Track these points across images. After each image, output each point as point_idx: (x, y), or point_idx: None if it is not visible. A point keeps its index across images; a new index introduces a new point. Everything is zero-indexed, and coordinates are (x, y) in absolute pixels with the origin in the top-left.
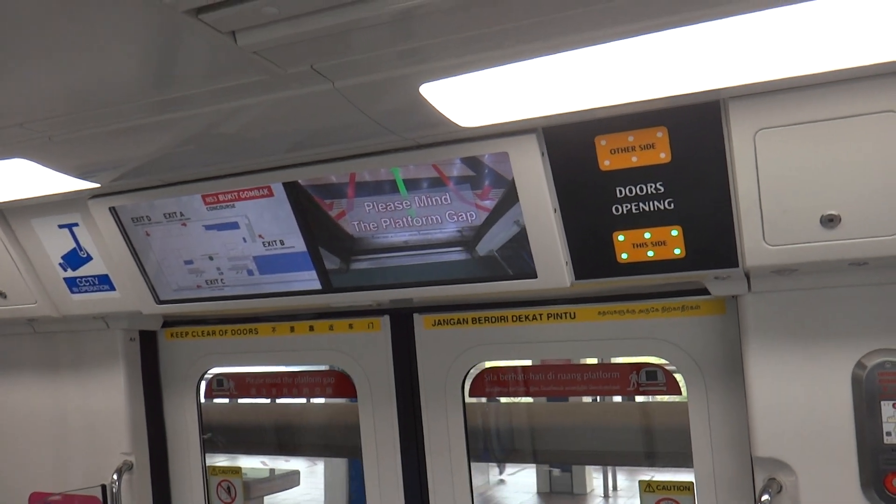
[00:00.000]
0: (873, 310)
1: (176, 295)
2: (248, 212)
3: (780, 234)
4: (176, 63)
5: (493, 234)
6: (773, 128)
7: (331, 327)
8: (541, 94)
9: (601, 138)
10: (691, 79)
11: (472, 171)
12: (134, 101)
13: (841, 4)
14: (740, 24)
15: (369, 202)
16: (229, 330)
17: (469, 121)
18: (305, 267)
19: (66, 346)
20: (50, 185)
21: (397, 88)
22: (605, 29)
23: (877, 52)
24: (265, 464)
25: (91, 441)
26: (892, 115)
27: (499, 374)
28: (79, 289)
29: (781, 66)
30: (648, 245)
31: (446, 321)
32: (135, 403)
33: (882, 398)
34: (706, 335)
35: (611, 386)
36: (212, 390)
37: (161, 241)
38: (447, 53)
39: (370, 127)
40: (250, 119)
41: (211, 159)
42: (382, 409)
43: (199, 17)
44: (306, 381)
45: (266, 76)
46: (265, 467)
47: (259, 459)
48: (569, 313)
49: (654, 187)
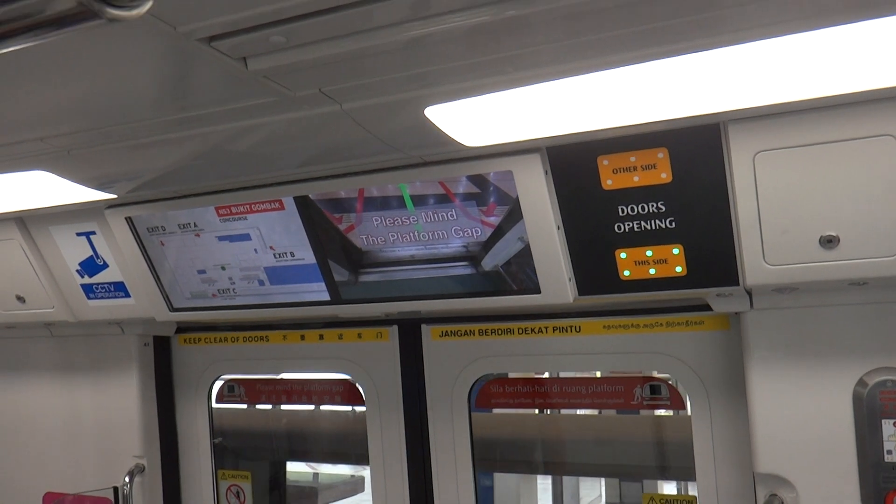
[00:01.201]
0: (874, 328)
1: (189, 303)
2: (259, 224)
3: (780, 254)
4: (190, 86)
5: (497, 249)
6: (772, 150)
7: (340, 336)
8: (545, 115)
9: (604, 158)
10: (692, 102)
11: (477, 189)
12: (149, 120)
13: (838, 32)
14: (740, 51)
15: (377, 217)
16: (241, 337)
17: (474, 141)
18: (315, 279)
19: (81, 349)
20: (68, 195)
21: (403, 111)
22: (606, 56)
23: (874, 78)
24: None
25: (104, 443)
26: (890, 139)
27: (504, 385)
28: (95, 295)
29: (780, 90)
30: (650, 263)
31: (454, 332)
32: (148, 407)
33: (883, 416)
34: (710, 351)
35: (615, 399)
36: (223, 396)
37: (175, 250)
38: (452, 78)
39: (377, 145)
40: (261, 137)
41: (224, 173)
42: (390, 417)
43: (212, 45)
44: (315, 388)
45: (276, 98)
46: (310, 471)
47: (306, 464)
48: (574, 326)
49: (655, 206)
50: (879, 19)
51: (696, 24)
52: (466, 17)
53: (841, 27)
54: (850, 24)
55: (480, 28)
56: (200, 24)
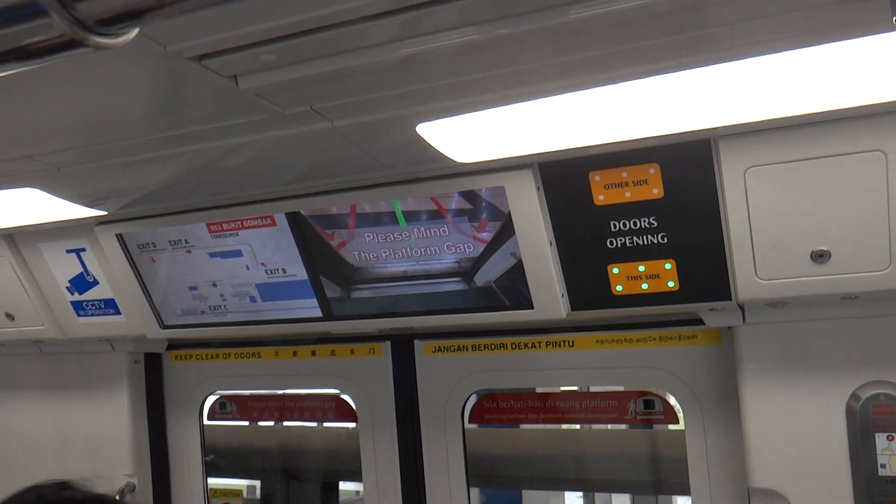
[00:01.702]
0: (867, 342)
1: (180, 320)
2: (251, 240)
3: (772, 269)
4: (180, 103)
5: (490, 265)
6: (762, 166)
7: (332, 352)
8: (536, 131)
9: (595, 174)
10: (683, 118)
11: (469, 205)
12: (140, 137)
13: (828, 49)
14: (731, 67)
15: (369, 233)
16: (233, 353)
17: (466, 157)
18: (307, 295)
19: (71, 367)
20: (59, 212)
21: (395, 128)
22: (597, 74)
23: (864, 94)
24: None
25: (94, 461)
26: (879, 154)
27: (498, 400)
28: (85, 312)
29: (771, 106)
30: (643, 278)
31: (447, 347)
32: (138, 425)
33: (876, 430)
34: (703, 365)
35: (609, 414)
36: (215, 413)
37: (166, 267)
38: (443, 96)
39: (369, 162)
40: (253, 154)
41: (215, 190)
42: (383, 433)
43: (202, 63)
44: (308, 404)
45: (267, 115)
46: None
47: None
48: (567, 341)
49: (647, 222)
50: (868, 37)
51: (686, 42)
52: (458, 35)
53: (831, 45)
54: (839, 42)
55: (472, 46)
56: (191, 43)
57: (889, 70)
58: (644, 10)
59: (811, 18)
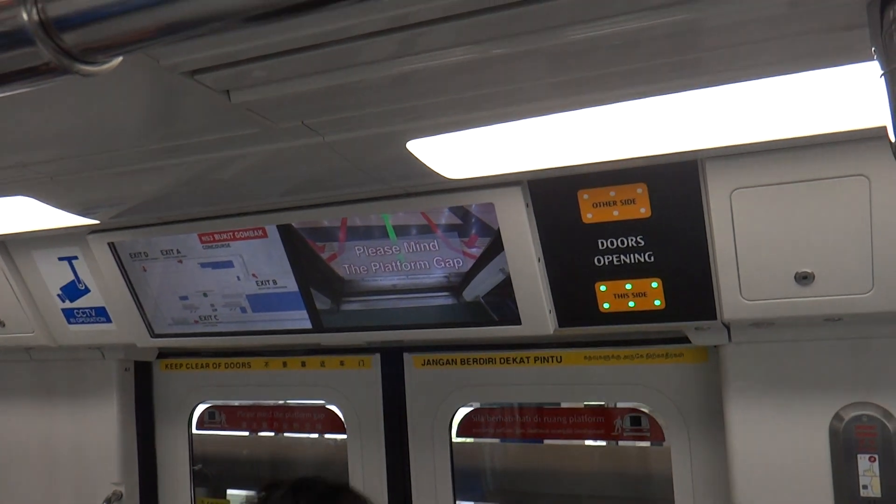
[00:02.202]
0: (850, 363)
1: (170, 329)
2: (242, 251)
3: (757, 290)
4: (173, 116)
5: (479, 280)
6: (748, 187)
7: (322, 364)
8: (526, 149)
9: (584, 192)
10: (671, 140)
11: (459, 220)
12: (133, 148)
13: (814, 75)
14: (718, 90)
15: (360, 246)
16: (223, 363)
17: (456, 173)
18: (297, 307)
19: (61, 374)
20: (51, 220)
21: (386, 144)
22: (588, 95)
23: (848, 119)
24: None
25: (82, 469)
26: (863, 179)
27: (486, 414)
28: (76, 320)
29: (757, 130)
30: (629, 296)
31: (436, 361)
32: (127, 433)
33: (859, 451)
34: (689, 383)
35: (596, 430)
36: (203, 422)
37: (157, 276)
38: (435, 113)
39: (360, 177)
40: (244, 167)
41: (207, 201)
42: (371, 446)
43: (195, 78)
44: (297, 415)
45: (259, 129)
46: None
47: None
48: (555, 357)
49: (634, 240)
50: (853, 65)
51: (679, 65)
52: (451, 54)
53: (817, 72)
54: (825, 69)
55: (465, 65)
56: (184, 59)
57: (872, 96)
58: (637, 34)
59: (798, 46)
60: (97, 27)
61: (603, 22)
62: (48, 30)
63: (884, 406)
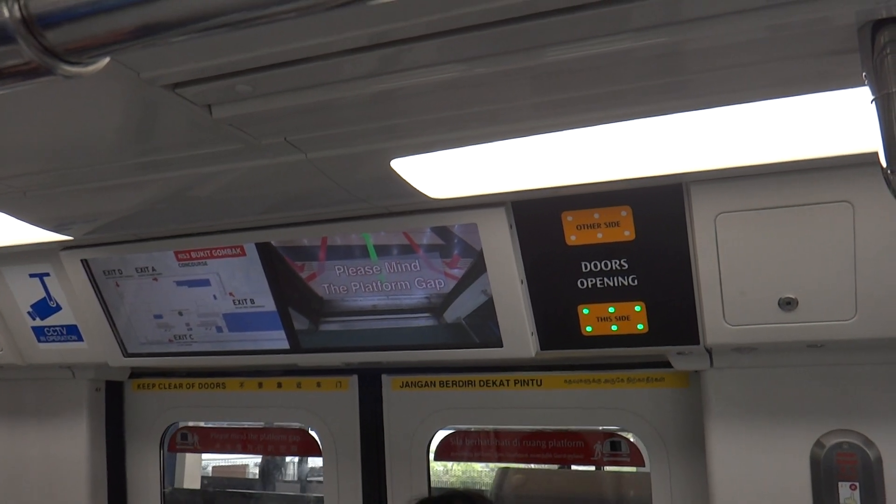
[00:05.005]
0: (831, 390)
1: (144, 348)
2: (219, 270)
3: (740, 315)
4: (152, 131)
5: (461, 302)
6: (733, 212)
7: (298, 385)
8: (510, 170)
9: (568, 214)
10: (655, 162)
11: (441, 240)
12: (110, 163)
13: (799, 101)
14: (704, 114)
15: (340, 266)
16: (197, 384)
17: (440, 193)
18: (274, 326)
19: (30, 394)
20: (22, 235)
21: (369, 162)
22: (572, 116)
23: (833, 145)
24: None
25: (50, 493)
26: (847, 205)
27: (464, 438)
28: (46, 338)
29: (742, 154)
30: (612, 319)
31: (414, 383)
32: (97, 455)
33: (840, 479)
34: (670, 408)
35: (575, 455)
36: (175, 444)
37: (131, 294)
38: (419, 132)
39: (342, 195)
40: (224, 183)
41: (185, 218)
42: (347, 469)
43: (176, 92)
44: (271, 437)
45: (240, 146)
46: None
47: None
48: (535, 380)
49: (618, 263)
50: (839, 91)
51: (664, 87)
52: (435, 72)
53: (803, 97)
54: (811, 95)
55: (449, 84)
56: (165, 71)
57: (857, 122)
58: (623, 55)
59: (785, 70)
60: (82, 25)
61: (588, 43)
62: (31, 27)
63: (865, 434)
